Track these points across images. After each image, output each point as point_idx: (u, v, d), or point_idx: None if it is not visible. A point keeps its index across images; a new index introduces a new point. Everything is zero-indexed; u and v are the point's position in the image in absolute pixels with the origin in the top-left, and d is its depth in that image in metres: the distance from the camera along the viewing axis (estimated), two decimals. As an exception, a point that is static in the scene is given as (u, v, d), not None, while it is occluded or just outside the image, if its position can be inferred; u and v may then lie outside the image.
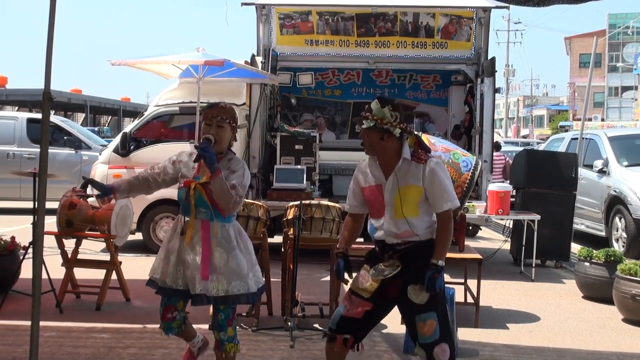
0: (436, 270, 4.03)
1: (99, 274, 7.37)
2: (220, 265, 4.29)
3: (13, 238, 7.54)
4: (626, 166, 11.59)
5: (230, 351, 4.46)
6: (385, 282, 4.09)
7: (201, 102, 9.74)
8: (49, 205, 8.78)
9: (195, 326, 4.94)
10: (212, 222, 4.32)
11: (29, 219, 5.88)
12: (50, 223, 7.61)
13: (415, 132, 4.23)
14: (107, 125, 46.36)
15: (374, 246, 4.34)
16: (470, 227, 11.08)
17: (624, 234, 10.95)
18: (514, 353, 5.90)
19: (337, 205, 6.68)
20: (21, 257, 7.15)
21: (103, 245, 8.70)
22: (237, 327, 6.32)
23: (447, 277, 8.34)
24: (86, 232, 7.39)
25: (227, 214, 4.34)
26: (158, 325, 4.63)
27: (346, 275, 4.32)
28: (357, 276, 4.24)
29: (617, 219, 11.24)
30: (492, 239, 12.25)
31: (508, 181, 11.04)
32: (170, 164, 4.49)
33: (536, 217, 9.03)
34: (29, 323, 4.48)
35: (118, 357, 5.50)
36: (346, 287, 4.44)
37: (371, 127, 4.08)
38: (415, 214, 4.06)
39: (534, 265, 9.12)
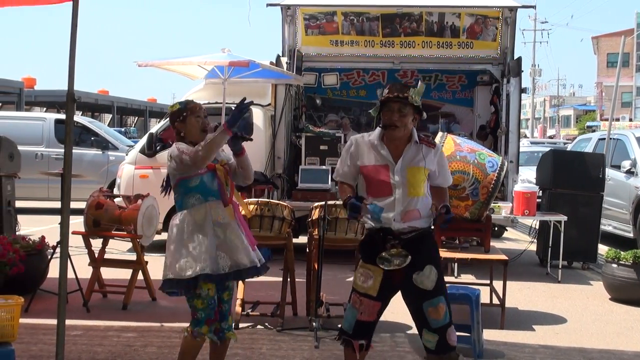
0: (448, 208, 4.26)
1: (125, 273, 7.43)
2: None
3: (43, 238, 7.63)
4: (655, 167, 11.46)
5: (230, 339, 4.56)
6: (390, 272, 4.15)
7: (227, 103, 9.80)
8: (77, 205, 8.92)
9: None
10: (233, 198, 4.53)
11: (57, 218, 5.96)
12: (78, 223, 7.70)
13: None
14: (133, 125, 46.77)
15: (365, 238, 4.46)
16: (496, 228, 11.02)
17: (652, 235, 10.82)
18: (540, 354, 5.85)
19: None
20: (49, 257, 7.23)
21: (129, 245, 8.78)
22: (262, 327, 6.38)
23: (472, 278, 8.35)
24: (113, 232, 7.46)
25: (249, 182, 4.59)
26: (180, 324, 4.64)
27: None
28: (358, 275, 4.33)
29: (645, 220, 11.12)
30: (518, 240, 12.16)
31: None
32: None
33: (563, 218, 8.96)
34: (56, 322, 4.53)
35: (137, 355, 5.54)
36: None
37: (413, 105, 4.23)
38: (422, 193, 4.27)
39: (560, 266, 9.04)
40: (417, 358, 5.63)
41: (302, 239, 8.19)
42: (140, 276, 7.28)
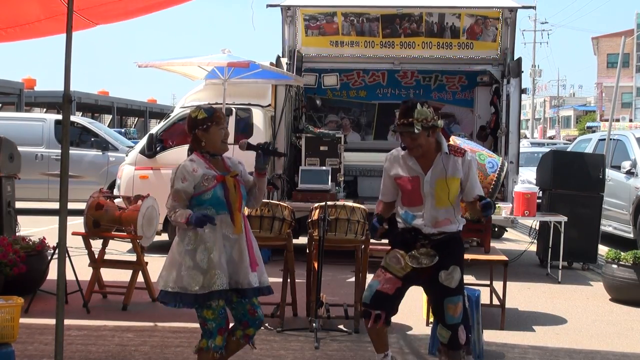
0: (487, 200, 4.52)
1: (125, 274, 7.43)
2: (258, 256, 4.46)
3: (43, 239, 7.63)
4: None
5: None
6: (419, 268, 4.46)
7: (227, 104, 9.80)
8: (77, 206, 8.92)
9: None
10: (244, 213, 4.46)
11: (57, 219, 5.95)
12: (78, 224, 7.70)
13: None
14: (133, 126, 46.78)
15: (397, 234, 4.66)
16: (496, 229, 11.01)
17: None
18: (541, 355, 5.85)
19: (362, 206, 6.67)
20: (49, 258, 7.23)
21: (129, 245, 8.78)
22: (262, 327, 6.38)
23: (472, 279, 8.34)
24: (113, 232, 7.46)
25: (256, 207, 4.62)
26: (180, 325, 4.63)
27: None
28: (389, 257, 4.59)
29: (645, 220, 11.12)
30: (518, 241, 12.16)
31: None
32: (184, 182, 4.31)
33: (563, 218, 8.96)
34: (55, 322, 4.53)
35: (135, 355, 5.54)
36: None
37: (420, 127, 4.39)
38: (454, 202, 4.50)
39: (560, 267, 9.04)
40: (419, 358, 5.63)
41: (302, 240, 8.19)
42: (140, 277, 7.28)
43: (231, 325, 4.45)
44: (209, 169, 4.34)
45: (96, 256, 7.35)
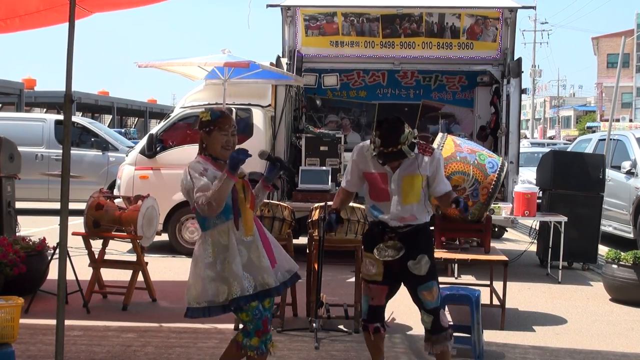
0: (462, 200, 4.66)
1: (125, 274, 7.43)
2: (278, 251, 4.49)
3: (43, 239, 7.63)
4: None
5: (269, 350, 4.46)
6: (391, 263, 4.59)
7: (227, 104, 9.80)
8: (77, 206, 8.92)
9: (218, 326, 4.96)
10: (255, 214, 4.49)
11: (57, 219, 5.95)
12: (78, 224, 7.71)
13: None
14: (133, 126, 46.79)
15: (367, 230, 4.90)
16: (497, 229, 11.00)
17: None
18: (541, 355, 5.85)
19: (361, 206, 6.65)
20: (49, 258, 7.23)
21: (129, 246, 8.77)
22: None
23: (472, 279, 8.35)
24: (113, 232, 7.46)
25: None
26: (181, 325, 4.62)
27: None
28: (364, 265, 4.75)
29: (645, 220, 11.11)
30: (519, 241, 12.16)
31: None
32: (202, 176, 4.22)
33: (563, 218, 8.96)
34: (55, 322, 4.53)
35: (136, 356, 5.54)
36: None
37: (395, 154, 4.45)
38: (418, 200, 4.61)
39: (560, 267, 9.04)
40: (414, 358, 5.63)
41: (302, 240, 8.20)
42: (140, 277, 7.28)
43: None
44: (217, 170, 4.28)
45: (96, 256, 7.35)
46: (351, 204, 6.77)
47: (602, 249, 9.66)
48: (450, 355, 4.75)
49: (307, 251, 6.82)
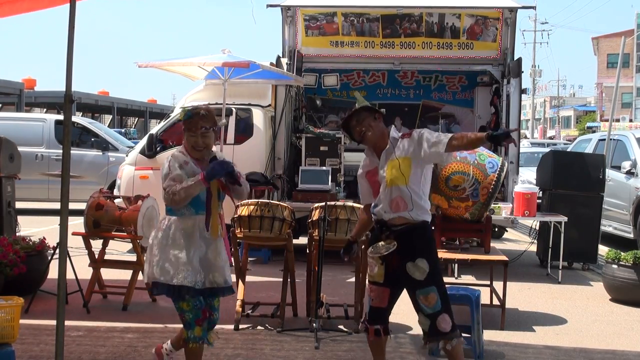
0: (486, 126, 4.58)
1: (125, 274, 7.43)
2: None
3: (43, 239, 7.63)
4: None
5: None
6: (386, 259, 4.55)
7: (227, 104, 9.80)
8: (77, 206, 8.91)
9: (219, 326, 4.95)
10: (222, 214, 4.57)
11: (57, 219, 5.94)
12: (78, 224, 7.71)
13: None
14: (133, 126, 46.79)
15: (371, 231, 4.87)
16: (497, 229, 11.01)
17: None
18: (541, 355, 5.85)
19: (362, 206, 6.65)
20: (49, 258, 7.23)
21: (130, 245, 8.78)
22: (262, 328, 6.38)
23: (472, 279, 8.35)
24: (113, 232, 7.46)
25: (243, 199, 4.85)
26: (181, 325, 4.64)
27: (346, 259, 5.00)
28: (369, 265, 4.71)
29: (645, 220, 11.11)
30: (519, 241, 12.16)
31: None
32: (182, 169, 4.40)
33: (563, 218, 8.96)
34: (55, 322, 4.53)
35: (140, 356, 5.54)
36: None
37: (363, 107, 4.59)
38: (405, 182, 4.47)
39: (560, 267, 9.04)
40: (419, 358, 5.63)
41: (302, 240, 8.19)
42: (140, 277, 7.27)
43: None
44: (196, 166, 4.42)
45: (96, 256, 7.35)
46: (351, 203, 6.81)
47: (602, 249, 9.66)
48: (461, 353, 4.58)
49: (307, 251, 6.81)
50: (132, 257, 8.03)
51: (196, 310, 4.45)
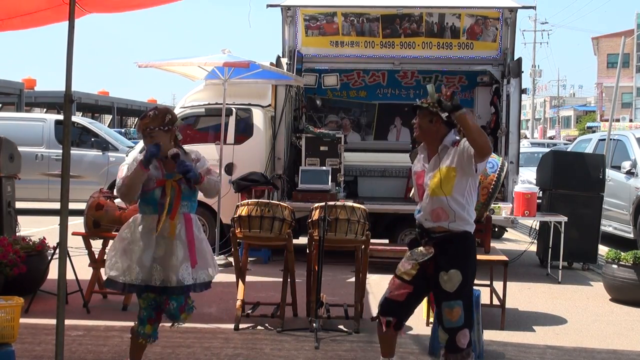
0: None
1: (125, 274, 7.41)
2: (202, 255, 4.61)
3: (43, 239, 7.63)
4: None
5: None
6: (423, 264, 4.47)
7: (227, 104, 9.80)
8: (77, 206, 8.91)
9: (221, 326, 4.96)
10: (192, 215, 4.63)
11: (57, 219, 5.93)
12: (78, 224, 7.70)
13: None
14: (133, 126, 46.73)
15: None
16: (497, 229, 11.00)
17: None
18: (541, 355, 5.85)
19: (362, 206, 6.66)
20: (49, 258, 7.23)
21: (130, 245, 8.76)
22: (262, 328, 6.38)
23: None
24: (113, 232, 7.44)
25: (213, 197, 4.89)
26: (183, 325, 4.67)
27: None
28: (402, 261, 4.62)
29: (645, 220, 11.12)
30: (519, 241, 12.17)
31: None
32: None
33: (563, 218, 8.97)
34: (55, 322, 4.53)
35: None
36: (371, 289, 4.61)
37: (423, 108, 4.50)
38: (448, 192, 4.39)
39: (560, 267, 9.04)
40: (420, 358, 5.63)
41: (302, 240, 8.19)
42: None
43: None
44: (157, 169, 4.57)
45: (96, 256, 7.35)
46: (351, 203, 6.81)
47: (602, 249, 9.66)
48: None
49: (307, 251, 6.82)
50: (132, 257, 8.02)
51: (150, 310, 4.59)
